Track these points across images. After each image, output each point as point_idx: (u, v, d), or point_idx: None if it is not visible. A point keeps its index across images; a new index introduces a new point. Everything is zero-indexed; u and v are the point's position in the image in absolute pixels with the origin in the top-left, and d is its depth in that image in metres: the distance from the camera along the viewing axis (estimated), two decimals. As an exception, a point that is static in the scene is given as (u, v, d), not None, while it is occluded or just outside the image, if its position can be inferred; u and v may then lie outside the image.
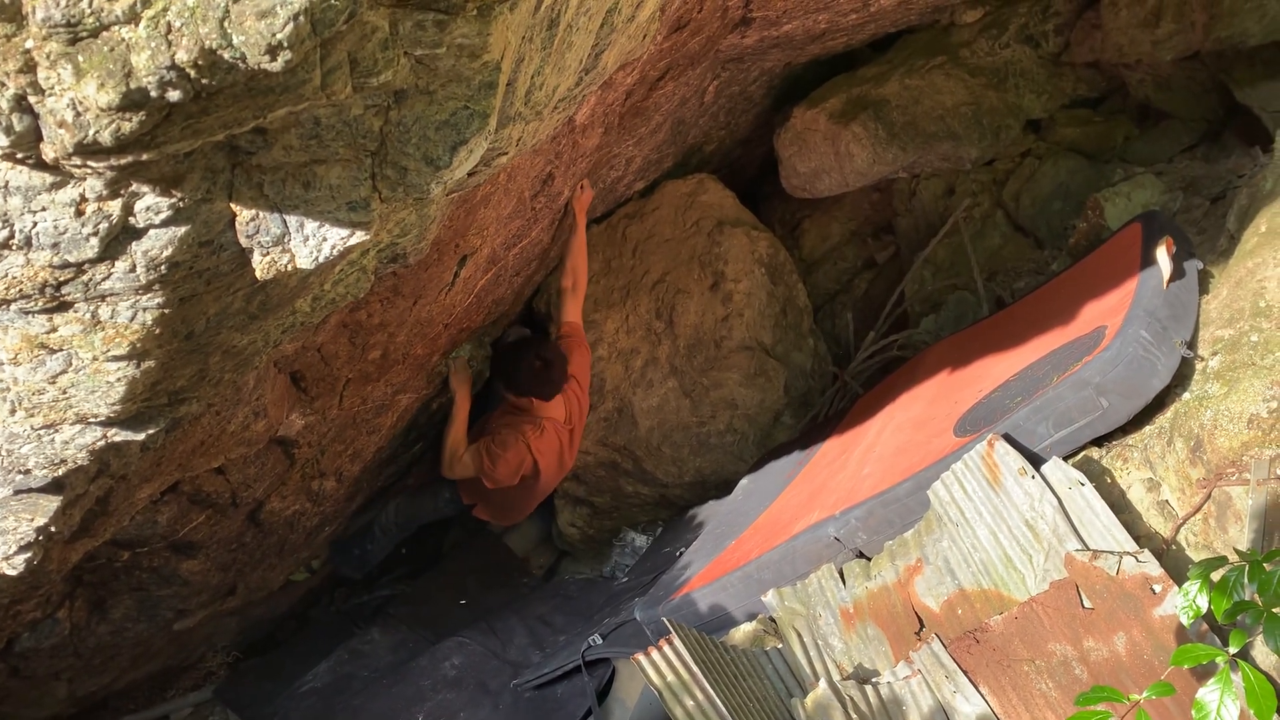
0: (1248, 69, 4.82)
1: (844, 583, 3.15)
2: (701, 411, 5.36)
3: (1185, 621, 1.99)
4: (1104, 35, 5.30)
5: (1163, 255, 3.25)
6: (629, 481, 5.38)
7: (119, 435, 2.12)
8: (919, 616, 2.94)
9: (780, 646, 3.17)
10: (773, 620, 3.28)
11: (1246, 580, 1.90)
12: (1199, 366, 3.04)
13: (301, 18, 1.25)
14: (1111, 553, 2.58)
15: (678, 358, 5.40)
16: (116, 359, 1.83)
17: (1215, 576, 2.01)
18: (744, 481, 4.90)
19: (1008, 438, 2.96)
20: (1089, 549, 2.63)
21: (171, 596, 3.84)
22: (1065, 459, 2.95)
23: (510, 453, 4.33)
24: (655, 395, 5.30)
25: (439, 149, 1.66)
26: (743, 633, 3.34)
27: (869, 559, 3.21)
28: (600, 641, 3.77)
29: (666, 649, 2.95)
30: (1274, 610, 1.80)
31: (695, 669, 2.86)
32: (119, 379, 1.88)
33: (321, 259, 1.76)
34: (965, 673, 2.67)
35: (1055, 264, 5.04)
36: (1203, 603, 1.96)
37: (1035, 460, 2.91)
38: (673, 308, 5.43)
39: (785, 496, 4.13)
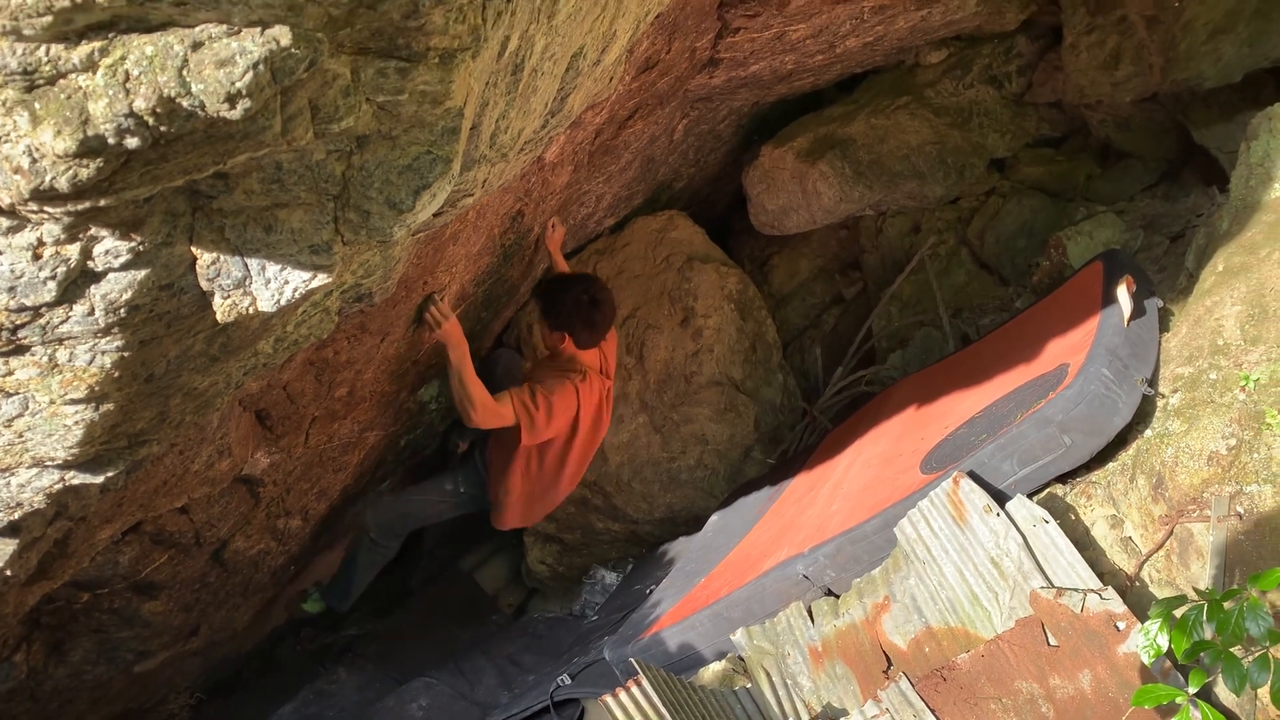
0: (1204, 110, 4.94)
1: (812, 621, 3.15)
2: (672, 447, 5.35)
3: (1146, 661, 2.01)
4: (1065, 77, 5.41)
5: (1123, 294, 3.30)
6: (599, 518, 5.36)
7: (77, 478, 2.09)
8: (887, 655, 2.94)
9: (749, 686, 3.15)
10: (742, 659, 3.27)
11: (1206, 619, 1.92)
12: (1160, 404, 3.08)
13: (261, 66, 1.25)
14: (1076, 590, 2.60)
15: (648, 393, 5.40)
16: (74, 402, 1.80)
17: (1177, 614, 2.02)
18: (714, 518, 4.90)
19: (973, 475, 2.98)
20: (1054, 586, 2.64)
21: (132, 638, 3.77)
22: (1030, 496, 2.97)
23: (556, 397, 3.87)
24: (625, 431, 5.29)
25: (402, 193, 1.66)
26: (712, 672, 3.32)
27: (837, 597, 3.21)
28: (569, 681, 3.74)
29: (635, 690, 2.93)
30: (1231, 650, 1.82)
31: (663, 711, 2.84)
32: (76, 422, 1.86)
33: (283, 302, 1.75)
34: (933, 711, 2.67)
35: (1019, 301, 5.10)
36: (1163, 642, 1.97)
37: (1000, 497, 2.93)
38: (643, 343, 5.44)
39: (755, 533, 4.13)
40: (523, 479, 4.16)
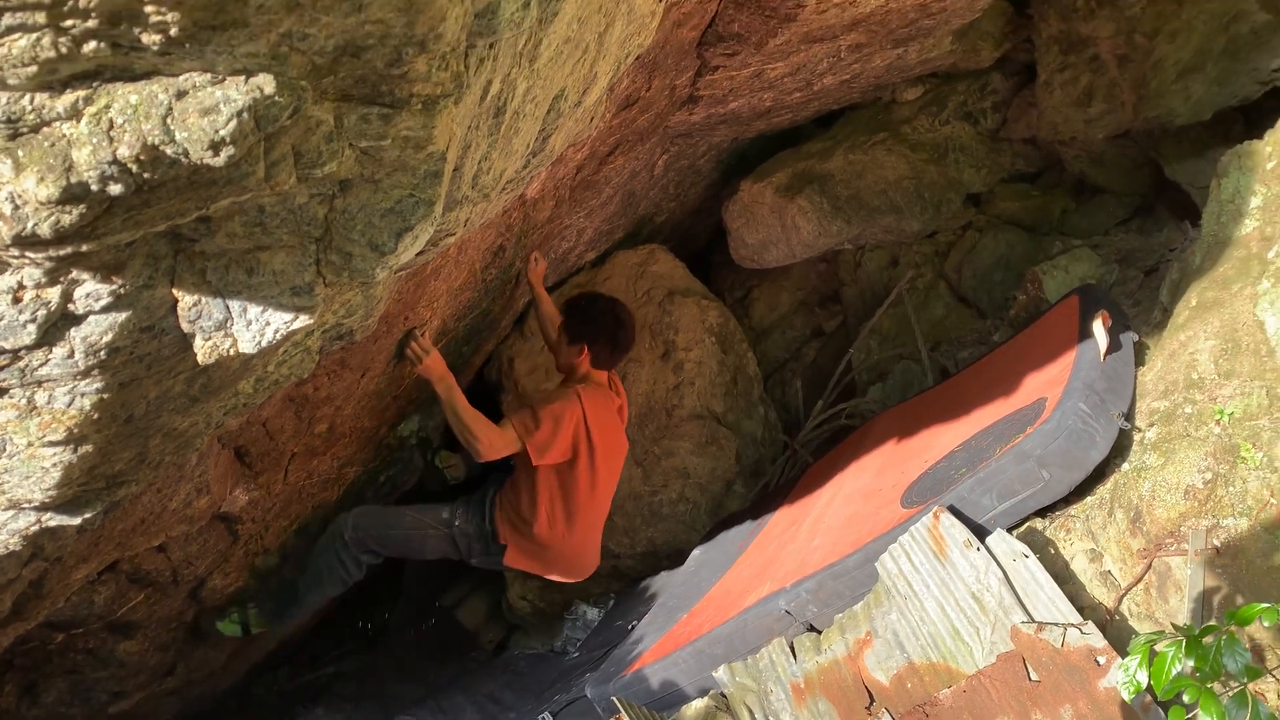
0: (1175, 146, 5.01)
1: (795, 657, 3.14)
2: (653, 480, 5.35)
3: (1126, 697, 2.01)
4: (1039, 113, 5.49)
5: (1099, 328, 3.34)
6: (580, 553, 5.34)
7: (54, 520, 2.07)
8: (869, 690, 2.93)
9: (731, 723, 3.14)
10: (724, 696, 3.26)
11: (1184, 655, 1.93)
12: (1137, 437, 3.11)
13: (245, 114, 1.26)
14: (1056, 625, 2.60)
15: (629, 427, 5.39)
16: (52, 444, 1.79)
17: (1159, 648, 2.03)
18: (696, 552, 4.89)
19: (953, 510, 3.00)
20: (1034, 621, 2.65)
21: (108, 679, 3.72)
22: (1009, 530, 2.99)
23: (558, 406, 3.67)
24: (607, 465, 5.29)
25: (384, 235, 1.67)
26: (694, 709, 3.30)
27: (819, 632, 3.21)
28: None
29: (616, 728, 2.91)
30: (1210, 686, 1.83)
31: (645, 749, 2.83)
32: (55, 464, 1.84)
33: (264, 343, 1.75)
34: (915, 748, 2.67)
35: (997, 335, 5.15)
36: (1143, 678, 1.98)
37: (980, 532, 2.94)
38: (624, 377, 5.44)
39: (737, 568, 4.12)
40: (549, 523, 3.85)
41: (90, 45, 1.17)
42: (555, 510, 3.85)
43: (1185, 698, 1.87)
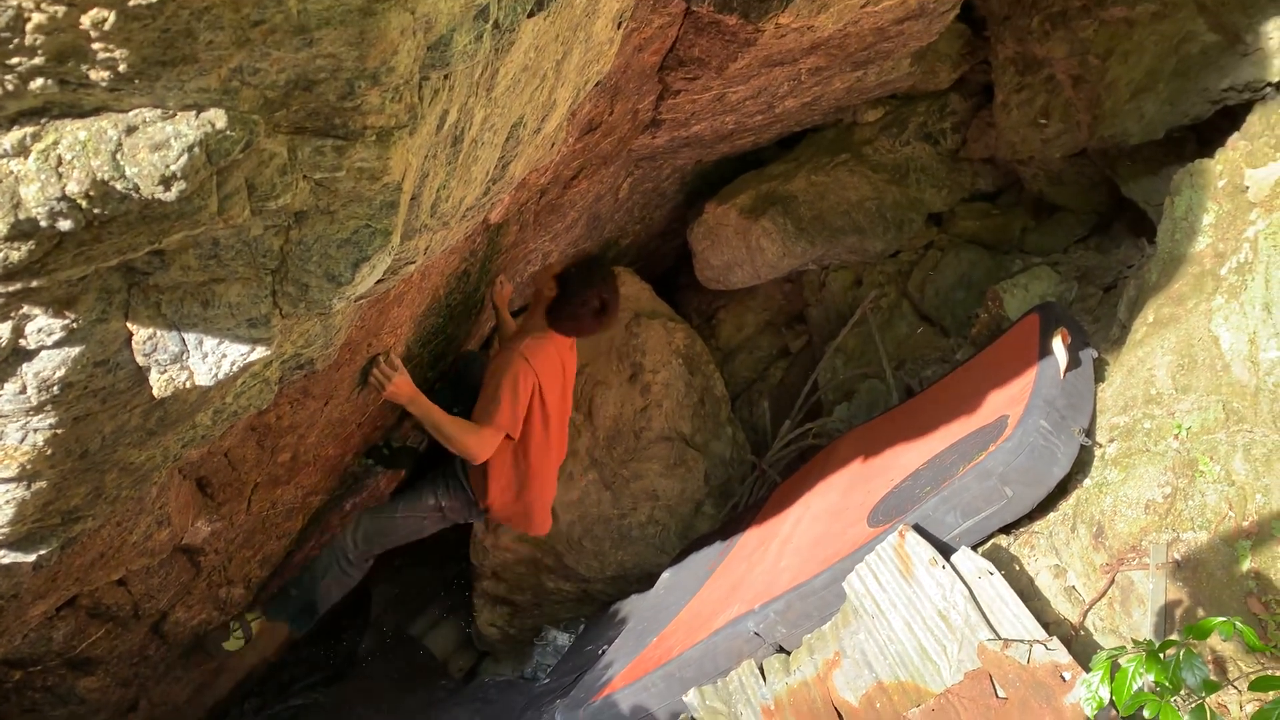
0: (1131, 165, 5.10)
1: (764, 679, 3.14)
2: (622, 503, 5.34)
3: (1089, 714, 2.03)
4: (998, 133, 5.58)
5: (1059, 346, 3.37)
6: (550, 577, 5.32)
7: (8, 557, 2.03)
8: (839, 711, 2.93)
9: (702, 747, 3.13)
10: (694, 720, 3.25)
11: (1145, 670, 1.95)
12: (1097, 453, 3.15)
13: (196, 149, 1.26)
14: (1022, 641, 2.62)
15: (597, 449, 5.39)
16: (5, 481, 1.76)
17: (1120, 663, 2.05)
18: (666, 575, 4.88)
19: (918, 528, 3.01)
20: (1000, 638, 2.67)
21: (67, 716, 3.65)
22: (974, 548, 3.00)
23: (507, 377, 3.70)
24: (575, 489, 5.28)
25: (341, 266, 1.66)
26: (665, 734, 3.30)
27: (789, 654, 3.21)
28: (520, 747, 3.69)
29: (586, 755, 2.89)
30: (1170, 702, 1.85)
31: (615, 776, 2.81)
32: (7, 501, 1.81)
33: (221, 375, 1.74)
34: (885, 769, 2.67)
35: (960, 353, 5.19)
36: (1105, 694, 2.00)
37: (945, 550, 2.96)
38: (591, 400, 5.44)
39: (707, 590, 4.12)
40: (514, 470, 3.99)
41: (37, 82, 1.16)
42: (516, 470, 3.98)
43: (1146, 712, 1.89)
